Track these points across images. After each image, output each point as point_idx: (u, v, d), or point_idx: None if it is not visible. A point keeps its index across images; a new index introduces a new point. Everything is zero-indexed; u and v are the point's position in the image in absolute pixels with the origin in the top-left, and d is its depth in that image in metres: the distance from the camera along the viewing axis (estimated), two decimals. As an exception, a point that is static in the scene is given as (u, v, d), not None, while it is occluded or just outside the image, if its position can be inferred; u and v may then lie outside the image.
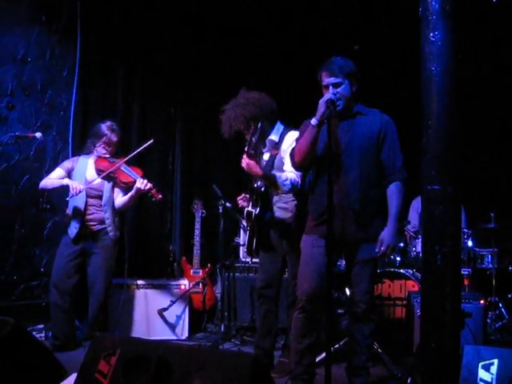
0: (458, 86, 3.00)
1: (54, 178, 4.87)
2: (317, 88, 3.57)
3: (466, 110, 3.58)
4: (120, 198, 4.97)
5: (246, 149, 4.01)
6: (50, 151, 5.56)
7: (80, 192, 4.68)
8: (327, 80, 3.51)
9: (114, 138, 4.93)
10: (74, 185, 4.67)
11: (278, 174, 4.08)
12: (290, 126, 4.37)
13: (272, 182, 4.07)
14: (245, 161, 3.98)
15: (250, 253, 4.43)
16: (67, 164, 4.98)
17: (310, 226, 3.66)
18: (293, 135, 4.16)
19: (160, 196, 4.84)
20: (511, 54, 6.11)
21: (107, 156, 4.92)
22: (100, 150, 4.92)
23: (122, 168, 4.86)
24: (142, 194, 4.89)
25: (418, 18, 3.08)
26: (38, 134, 4.62)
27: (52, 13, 5.55)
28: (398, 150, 3.58)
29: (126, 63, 6.36)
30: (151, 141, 4.87)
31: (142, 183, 4.75)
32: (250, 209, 4.26)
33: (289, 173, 4.06)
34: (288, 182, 4.02)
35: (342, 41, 6.35)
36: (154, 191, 4.79)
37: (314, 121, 3.40)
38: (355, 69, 3.57)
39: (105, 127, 4.91)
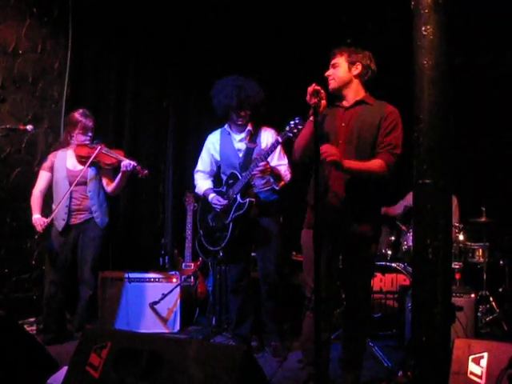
0: (450, 79, 3.01)
1: (42, 187, 4.90)
2: (307, 81, 3.53)
3: (458, 104, 3.58)
4: (111, 184, 4.97)
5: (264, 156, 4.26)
6: (42, 144, 5.54)
7: (45, 225, 4.70)
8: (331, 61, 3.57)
9: (90, 123, 4.91)
10: (38, 222, 4.71)
11: (277, 167, 4.52)
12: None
13: (278, 176, 4.49)
14: (263, 167, 4.23)
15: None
16: (47, 163, 4.96)
17: (308, 218, 3.65)
18: (268, 133, 4.68)
19: (146, 171, 4.88)
20: (505, 47, 6.13)
21: (87, 142, 4.91)
22: (79, 137, 4.90)
23: (103, 151, 4.85)
24: (129, 174, 4.90)
25: (411, 12, 3.08)
26: (30, 127, 4.59)
27: (43, 5, 5.52)
28: (395, 137, 3.46)
29: (118, 55, 6.35)
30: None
31: (125, 165, 4.78)
32: (241, 201, 4.48)
33: (282, 166, 4.57)
34: (287, 173, 4.57)
35: (334, 35, 6.34)
36: (138, 168, 4.83)
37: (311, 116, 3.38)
38: (363, 55, 3.56)
39: (78, 114, 4.90)
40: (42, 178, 4.93)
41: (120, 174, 4.86)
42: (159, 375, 2.44)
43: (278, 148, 4.50)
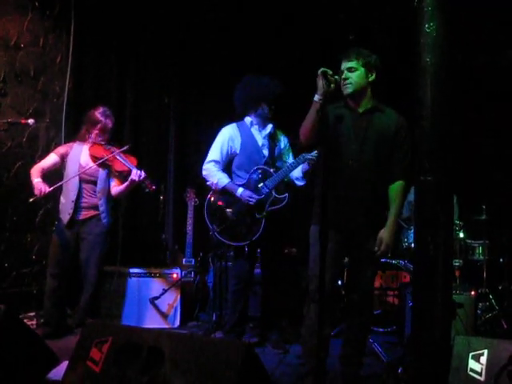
0: (453, 76, 3.01)
1: (45, 165, 4.84)
2: (309, 82, 3.51)
3: (461, 101, 3.58)
4: (116, 187, 4.94)
5: None
6: (43, 138, 5.54)
7: (44, 193, 4.61)
8: (343, 65, 3.49)
9: (110, 124, 4.91)
10: (38, 186, 4.61)
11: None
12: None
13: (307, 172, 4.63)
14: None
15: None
16: (61, 149, 4.96)
17: (318, 213, 3.61)
18: (284, 137, 4.90)
19: (154, 187, 4.83)
20: (507, 44, 6.12)
21: (103, 143, 4.90)
22: (95, 137, 4.89)
23: (118, 157, 4.83)
24: (136, 185, 4.85)
25: (414, 10, 3.08)
26: (31, 121, 4.57)
27: (45, -1, 5.52)
28: (408, 153, 3.53)
29: (119, 51, 6.34)
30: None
31: (136, 175, 4.72)
32: (278, 195, 4.60)
33: None
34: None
35: (337, 31, 6.33)
36: (147, 182, 4.78)
37: (316, 96, 3.33)
38: (375, 60, 3.53)
39: (99, 114, 4.88)
40: (49, 159, 4.90)
41: (127, 182, 4.80)
42: (160, 370, 2.45)
43: None
